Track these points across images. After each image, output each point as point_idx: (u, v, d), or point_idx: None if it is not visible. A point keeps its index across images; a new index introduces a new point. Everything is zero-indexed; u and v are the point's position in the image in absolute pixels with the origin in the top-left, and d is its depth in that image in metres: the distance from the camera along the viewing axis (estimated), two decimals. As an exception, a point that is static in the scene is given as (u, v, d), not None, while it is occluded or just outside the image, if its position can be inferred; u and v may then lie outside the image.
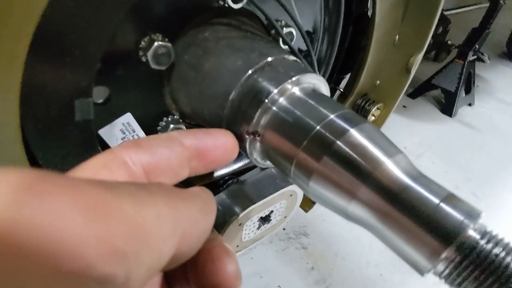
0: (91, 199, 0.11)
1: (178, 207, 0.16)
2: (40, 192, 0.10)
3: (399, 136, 1.59)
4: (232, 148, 0.27)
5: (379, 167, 0.26)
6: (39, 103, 0.26)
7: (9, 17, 0.21)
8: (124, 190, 0.14)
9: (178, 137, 0.23)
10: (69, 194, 0.11)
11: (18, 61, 0.22)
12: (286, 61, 0.34)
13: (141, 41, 0.33)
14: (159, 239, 0.14)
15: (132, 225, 0.12)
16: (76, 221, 0.10)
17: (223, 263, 0.20)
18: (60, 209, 0.10)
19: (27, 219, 0.10)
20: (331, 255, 1.01)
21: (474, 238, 0.22)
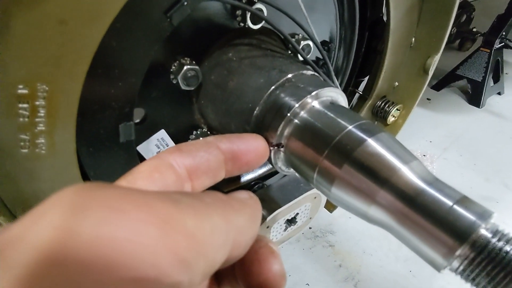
0: (162, 214, 0.13)
1: (230, 219, 0.18)
2: (120, 210, 0.12)
3: (424, 130, 1.56)
4: (263, 151, 0.29)
5: (395, 173, 0.28)
6: (91, 130, 0.30)
7: (65, 61, 0.25)
8: (186, 204, 0.15)
9: (215, 142, 0.25)
10: (144, 211, 0.13)
11: (75, 97, 0.26)
12: (305, 76, 0.36)
13: (172, 65, 0.37)
14: (214, 248, 0.16)
15: (193, 237, 0.14)
16: (152, 235, 0.12)
17: (269, 263, 0.22)
18: (138, 225, 0.12)
19: (110, 235, 0.12)
20: (359, 252, 1.02)
21: (486, 236, 0.23)
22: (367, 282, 0.94)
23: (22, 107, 0.25)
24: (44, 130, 0.27)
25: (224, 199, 0.19)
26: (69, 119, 0.27)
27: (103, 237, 0.12)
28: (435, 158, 1.37)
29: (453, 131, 1.51)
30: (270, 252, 0.22)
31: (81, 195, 0.12)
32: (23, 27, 0.22)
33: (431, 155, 1.37)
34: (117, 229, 0.12)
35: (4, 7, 0.21)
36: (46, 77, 0.25)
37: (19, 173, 0.27)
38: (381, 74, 0.54)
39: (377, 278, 0.94)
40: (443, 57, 1.96)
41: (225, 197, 0.20)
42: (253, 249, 0.22)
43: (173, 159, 0.22)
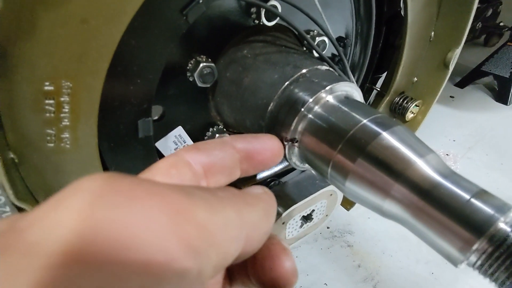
0: (174, 204, 0.14)
1: (243, 213, 0.18)
2: (133, 197, 0.13)
3: (447, 129, 1.52)
4: (278, 150, 0.29)
5: (410, 167, 0.27)
6: (111, 125, 0.31)
7: (87, 58, 0.26)
8: (199, 196, 0.16)
9: (230, 141, 0.25)
10: (156, 200, 0.13)
11: (97, 93, 0.28)
12: (319, 71, 0.36)
13: (188, 63, 0.38)
14: (226, 242, 0.16)
15: (204, 229, 0.14)
16: (163, 223, 0.13)
17: (280, 260, 0.22)
18: (150, 212, 0.13)
19: (123, 220, 0.12)
20: (378, 252, 1.00)
21: (505, 230, 0.23)
22: (387, 283, 0.92)
23: (48, 103, 0.26)
24: (68, 125, 0.28)
25: (238, 194, 0.19)
26: (91, 114, 0.29)
27: (118, 221, 0.12)
28: (459, 157, 1.33)
29: (478, 129, 1.46)
30: (282, 249, 0.23)
31: (99, 183, 0.13)
32: (48, 27, 0.24)
33: (454, 155, 1.33)
34: (130, 215, 0.13)
35: (31, 8, 0.22)
36: (70, 74, 0.26)
37: (46, 166, 0.29)
38: (399, 69, 0.53)
39: (397, 279, 0.92)
40: (468, 53, 1.91)
41: (239, 192, 0.20)
42: (266, 246, 0.23)
43: (190, 156, 0.22)
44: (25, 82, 0.24)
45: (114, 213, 0.12)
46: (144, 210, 0.13)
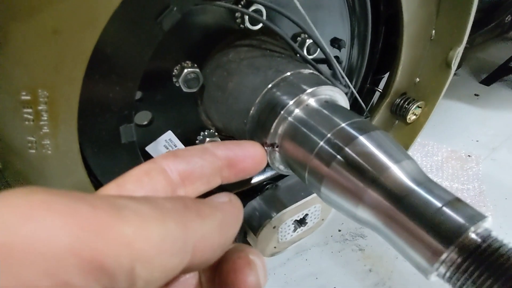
0: (86, 221, 0.13)
1: (190, 225, 0.17)
2: (33, 217, 0.12)
3: (470, 129, 1.45)
4: (260, 158, 0.28)
5: (384, 172, 0.27)
6: (93, 132, 0.32)
7: (62, 68, 0.27)
8: (132, 210, 0.15)
9: (211, 148, 0.25)
10: (62, 216, 0.13)
11: (74, 101, 0.29)
12: (302, 75, 0.36)
13: (174, 69, 0.38)
14: (163, 256, 0.15)
15: (127, 246, 0.14)
16: (59, 242, 0.12)
17: (243, 273, 0.22)
18: (46, 232, 0.12)
19: (22, 236, 0.12)
20: (391, 257, 0.97)
21: (475, 240, 0.22)
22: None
23: (27, 111, 0.28)
24: (48, 133, 0.29)
25: (190, 205, 0.19)
26: (70, 122, 0.30)
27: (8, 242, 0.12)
28: (482, 159, 1.26)
29: (504, 129, 1.39)
30: (246, 263, 0.22)
31: (8, 200, 0.13)
32: (20, 38, 0.25)
33: (477, 156, 1.26)
34: (26, 235, 0.12)
35: (2, 20, 0.24)
36: (46, 83, 0.27)
37: (29, 171, 0.30)
38: (398, 70, 0.51)
39: (410, 285, 0.89)
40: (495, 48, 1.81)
41: (193, 203, 0.19)
42: (231, 259, 0.22)
43: (167, 164, 0.22)
44: (2, 92, 0.26)
45: (8, 232, 0.12)
46: (43, 229, 0.12)
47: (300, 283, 0.87)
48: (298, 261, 0.95)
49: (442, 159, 1.24)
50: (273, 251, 0.47)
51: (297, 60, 0.39)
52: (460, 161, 1.25)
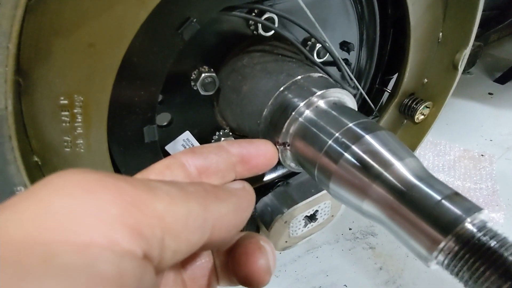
0: (129, 197, 0.16)
1: (209, 206, 0.20)
2: (89, 190, 0.15)
3: (483, 128, 1.44)
4: (271, 155, 0.30)
5: (388, 168, 0.29)
6: (120, 132, 0.36)
7: (95, 76, 0.31)
8: (162, 191, 0.18)
9: (226, 146, 0.27)
10: (111, 193, 0.15)
11: (105, 105, 0.32)
12: (311, 78, 0.38)
13: (192, 74, 0.41)
14: (187, 230, 0.18)
15: (160, 219, 0.16)
16: (111, 212, 0.15)
17: (255, 256, 0.24)
18: (100, 203, 0.15)
19: (73, 208, 0.15)
20: (402, 255, 0.98)
21: (471, 230, 0.24)
22: (409, 286, 0.90)
23: (64, 114, 0.31)
24: (82, 133, 0.33)
25: (209, 189, 0.21)
26: (101, 123, 0.33)
27: (68, 210, 0.15)
28: (496, 158, 1.26)
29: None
30: (257, 247, 0.24)
31: (66, 178, 0.16)
32: (61, 52, 0.28)
33: (490, 155, 1.26)
34: (81, 205, 0.15)
35: (46, 37, 0.27)
36: (81, 90, 0.31)
37: (64, 168, 0.33)
38: (406, 71, 0.53)
39: (420, 283, 0.90)
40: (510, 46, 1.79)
41: (212, 188, 0.22)
42: (244, 244, 0.25)
43: (186, 159, 0.25)
44: (44, 98, 0.29)
45: (67, 203, 0.15)
46: (96, 201, 0.15)
47: (310, 280, 0.89)
48: (309, 258, 0.97)
49: (454, 158, 1.24)
50: (284, 245, 0.50)
51: (308, 64, 0.41)
52: (473, 161, 1.24)
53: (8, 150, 0.26)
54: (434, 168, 1.19)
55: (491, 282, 0.22)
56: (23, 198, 0.15)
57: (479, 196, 1.07)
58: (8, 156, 0.27)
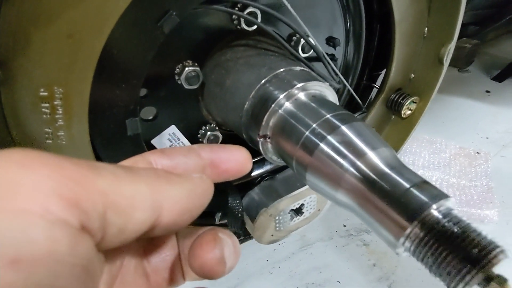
0: (70, 173, 0.17)
1: (159, 188, 0.21)
2: (31, 166, 0.16)
3: (480, 126, 1.44)
4: (243, 161, 0.30)
5: (361, 157, 0.29)
6: (102, 125, 0.36)
7: (74, 68, 0.31)
8: (108, 171, 0.18)
9: (197, 149, 0.28)
10: (51, 169, 0.16)
11: (85, 97, 0.33)
12: (293, 72, 0.39)
13: (176, 68, 0.42)
14: (133, 210, 0.19)
15: (102, 195, 0.17)
16: (48, 185, 0.16)
17: (209, 247, 0.24)
18: (39, 177, 0.16)
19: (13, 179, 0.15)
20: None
21: (436, 217, 0.24)
22: (402, 283, 0.90)
23: (44, 106, 0.32)
24: (63, 125, 0.33)
25: (161, 174, 0.22)
26: (82, 115, 0.33)
27: (7, 181, 0.16)
28: (491, 155, 1.25)
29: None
30: (212, 238, 0.25)
31: (6, 155, 0.17)
32: (40, 42, 0.29)
33: (486, 153, 1.25)
34: (21, 177, 0.16)
35: (24, 28, 0.28)
36: (61, 81, 0.31)
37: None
38: (392, 66, 0.53)
39: (413, 280, 0.90)
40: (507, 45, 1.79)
41: (163, 172, 0.23)
42: (201, 235, 0.25)
43: (153, 158, 0.25)
44: (23, 89, 0.30)
45: (4, 176, 0.16)
46: (33, 175, 0.16)
47: (304, 276, 0.89)
48: (302, 255, 0.97)
49: (450, 156, 1.24)
50: (270, 239, 0.50)
51: (290, 58, 0.42)
52: (469, 158, 1.24)
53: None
54: (429, 165, 1.19)
55: (453, 266, 0.22)
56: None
57: (473, 193, 1.07)
58: (-13, 145, 0.28)
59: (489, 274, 0.21)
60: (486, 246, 0.22)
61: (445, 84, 1.82)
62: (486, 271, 0.21)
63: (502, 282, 0.21)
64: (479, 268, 0.21)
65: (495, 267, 0.22)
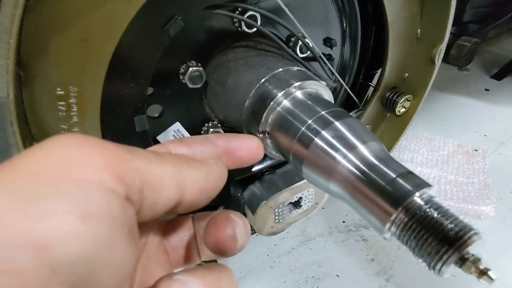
0: (114, 153, 0.19)
1: (182, 170, 0.23)
2: (82, 145, 0.19)
3: (478, 123, 1.45)
4: (255, 149, 0.32)
5: (352, 150, 0.32)
6: (112, 121, 0.39)
7: (88, 69, 0.34)
8: (141, 153, 0.21)
9: (212, 138, 0.30)
10: (100, 149, 0.19)
11: (98, 95, 0.35)
12: (290, 71, 0.41)
13: (180, 68, 0.44)
14: (161, 186, 0.21)
15: (139, 173, 0.20)
16: (99, 161, 0.18)
17: (222, 225, 0.27)
18: (90, 154, 0.18)
19: (69, 155, 0.18)
20: (394, 247, 1.01)
21: (419, 203, 0.26)
22: (400, 277, 0.93)
23: (61, 104, 0.34)
24: (77, 122, 0.36)
25: (183, 158, 0.25)
26: (94, 112, 0.36)
27: (65, 156, 0.18)
28: (489, 153, 1.27)
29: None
30: (225, 218, 0.27)
31: (65, 138, 0.19)
32: (57, 46, 0.31)
33: (483, 150, 1.27)
34: (76, 153, 0.19)
35: (43, 34, 0.30)
36: (76, 81, 0.34)
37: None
38: (387, 66, 0.56)
39: (411, 274, 0.92)
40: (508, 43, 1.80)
41: (185, 157, 0.26)
42: (215, 216, 0.28)
43: (173, 146, 0.28)
44: (42, 88, 0.33)
45: (63, 153, 0.19)
46: (86, 153, 0.19)
47: (304, 270, 0.92)
48: (302, 250, 0.99)
49: (448, 153, 1.26)
50: (270, 230, 0.53)
51: (288, 58, 0.44)
52: (467, 155, 1.26)
53: (11, 134, 0.30)
54: (428, 163, 1.21)
55: (432, 247, 0.25)
56: (30, 150, 0.19)
57: (471, 190, 1.09)
58: (10, 140, 0.30)
59: (464, 253, 0.24)
60: (462, 229, 0.24)
61: (444, 83, 1.84)
62: (461, 251, 0.24)
63: (476, 261, 0.24)
64: (455, 248, 0.24)
65: (470, 248, 0.24)
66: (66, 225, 0.16)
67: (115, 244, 0.18)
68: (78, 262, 0.16)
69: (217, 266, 0.26)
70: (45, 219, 0.16)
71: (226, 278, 0.25)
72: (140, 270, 0.26)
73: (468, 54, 1.63)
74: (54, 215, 0.16)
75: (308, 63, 0.47)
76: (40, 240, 0.15)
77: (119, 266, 0.18)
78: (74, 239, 0.16)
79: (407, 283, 0.92)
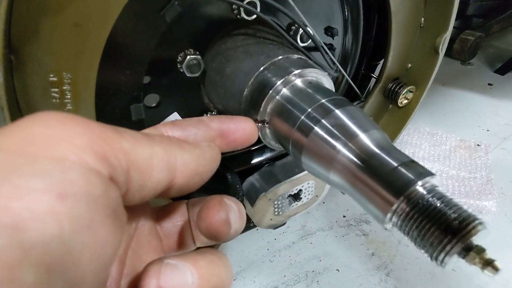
0: (99, 133, 0.19)
1: (173, 152, 0.23)
2: (66, 123, 0.18)
3: (481, 118, 1.44)
4: (250, 131, 0.32)
5: (353, 139, 0.31)
6: (108, 110, 0.38)
7: (82, 54, 0.33)
8: (129, 134, 0.20)
9: (206, 120, 0.29)
10: (84, 128, 0.18)
11: (92, 82, 0.34)
12: (290, 59, 0.40)
13: (178, 56, 0.43)
14: (150, 167, 0.21)
15: (125, 153, 0.19)
16: (82, 140, 0.18)
17: (214, 210, 0.26)
18: (74, 132, 0.18)
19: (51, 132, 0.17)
20: (394, 242, 1.00)
21: (421, 192, 0.25)
22: (400, 272, 0.92)
23: (54, 90, 0.33)
24: (71, 109, 0.35)
25: (174, 140, 0.24)
26: (89, 100, 0.35)
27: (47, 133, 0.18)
28: (491, 148, 1.26)
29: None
30: (218, 202, 0.27)
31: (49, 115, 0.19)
32: (49, 30, 0.30)
33: (486, 145, 1.26)
34: (58, 131, 0.18)
35: (34, 17, 0.29)
36: (69, 67, 0.33)
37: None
38: (389, 56, 0.54)
39: (412, 268, 0.92)
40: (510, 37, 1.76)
41: (176, 139, 0.25)
42: (207, 200, 0.27)
43: (165, 129, 0.27)
44: (34, 74, 0.32)
45: (44, 130, 0.18)
46: (68, 131, 0.18)
47: (304, 264, 0.91)
48: (303, 244, 0.99)
49: (450, 148, 1.25)
50: (269, 223, 0.52)
51: (288, 46, 0.43)
52: (469, 150, 1.25)
53: (1, 120, 0.29)
54: (429, 157, 1.20)
55: (435, 237, 0.24)
56: (9, 127, 0.18)
57: (473, 184, 1.08)
58: (1, 126, 0.29)
59: (468, 243, 0.23)
60: (466, 218, 0.24)
61: (447, 77, 1.82)
62: (465, 241, 0.23)
63: (480, 252, 0.23)
64: (458, 238, 0.23)
65: (474, 238, 0.23)
66: (41, 203, 0.15)
67: (95, 225, 0.17)
68: (53, 242, 0.15)
69: (210, 251, 0.25)
70: (18, 197, 0.15)
71: (219, 262, 0.24)
72: (130, 255, 0.25)
73: (471, 48, 1.61)
74: (28, 193, 0.15)
75: (309, 53, 0.46)
76: (12, 219, 0.14)
77: (100, 249, 0.18)
78: (49, 217, 0.15)
79: (408, 278, 0.91)
